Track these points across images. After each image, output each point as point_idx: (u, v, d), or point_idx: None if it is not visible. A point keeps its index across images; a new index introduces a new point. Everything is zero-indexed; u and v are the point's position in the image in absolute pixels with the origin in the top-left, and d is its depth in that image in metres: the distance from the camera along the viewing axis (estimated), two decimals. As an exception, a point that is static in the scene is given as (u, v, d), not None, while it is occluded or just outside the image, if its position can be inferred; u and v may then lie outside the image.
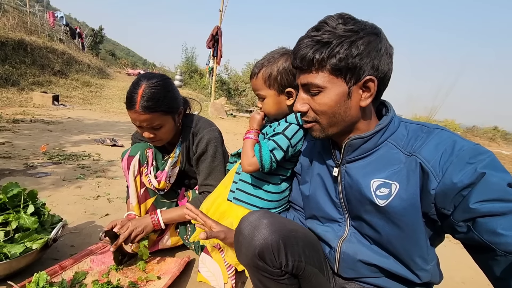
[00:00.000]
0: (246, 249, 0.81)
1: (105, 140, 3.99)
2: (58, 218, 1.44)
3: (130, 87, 1.25)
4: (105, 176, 2.69)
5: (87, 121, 5.63)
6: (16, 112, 5.23)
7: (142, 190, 1.43)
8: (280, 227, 0.82)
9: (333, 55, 0.74)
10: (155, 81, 1.24)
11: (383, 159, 0.81)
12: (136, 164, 1.40)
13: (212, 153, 1.39)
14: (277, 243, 0.78)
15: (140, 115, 1.20)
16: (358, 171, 0.85)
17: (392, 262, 0.85)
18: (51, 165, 2.80)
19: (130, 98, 1.21)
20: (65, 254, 1.47)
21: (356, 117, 0.82)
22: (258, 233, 0.79)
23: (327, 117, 0.82)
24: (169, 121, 1.30)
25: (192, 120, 1.44)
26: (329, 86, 0.78)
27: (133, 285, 1.26)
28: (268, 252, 0.78)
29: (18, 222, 1.18)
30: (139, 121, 1.23)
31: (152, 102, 1.20)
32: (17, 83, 7.49)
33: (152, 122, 1.23)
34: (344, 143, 0.85)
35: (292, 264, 0.81)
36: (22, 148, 3.19)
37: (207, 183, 1.41)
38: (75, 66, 10.77)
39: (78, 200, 2.09)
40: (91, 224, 1.79)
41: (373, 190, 0.81)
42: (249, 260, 0.81)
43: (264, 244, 0.78)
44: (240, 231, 0.83)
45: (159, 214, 1.37)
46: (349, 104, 0.79)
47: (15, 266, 1.17)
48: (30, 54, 8.78)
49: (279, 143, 1.04)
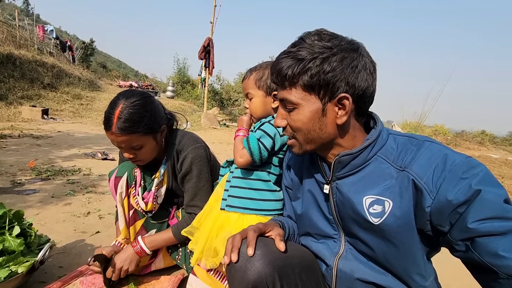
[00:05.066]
0: (239, 283, 0.76)
1: (96, 154, 3.92)
2: (46, 239, 1.39)
3: (108, 106, 1.18)
4: (96, 191, 2.63)
5: (77, 134, 5.54)
6: (4, 127, 5.12)
7: (131, 212, 1.37)
8: (275, 257, 0.78)
9: (304, 71, 0.74)
10: (134, 100, 1.17)
11: (374, 175, 0.80)
12: (124, 185, 1.34)
13: (197, 173, 1.31)
14: (272, 276, 0.74)
15: (117, 137, 1.14)
16: (350, 188, 0.83)
17: (390, 279, 0.83)
18: (40, 181, 2.72)
19: (107, 119, 1.14)
20: (53, 276, 1.40)
21: (333, 134, 0.81)
22: (251, 266, 0.75)
23: (302, 134, 0.81)
24: (149, 141, 1.22)
25: (176, 136, 1.35)
26: (302, 103, 0.77)
27: (125, 307, 1.21)
28: (263, 286, 0.74)
29: (2, 245, 1.13)
30: (117, 142, 1.17)
31: (129, 123, 1.13)
32: (5, 97, 7.35)
33: (131, 143, 1.17)
34: (334, 160, 0.83)
35: None
36: (9, 164, 3.10)
37: (193, 204, 1.33)
38: (65, 79, 10.65)
39: (68, 218, 2.02)
40: (81, 243, 1.73)
41: (366, 207, 0.79)
42: None
43: (258, 278, 0.74)
44: (232, 264, 0.79)
45: (141, 243, 1.30)
46: (324, 121, 0.78)
47: (-1, 292, 1.11)
48: (19, 68, 8.66)
49: (265, 130, 1.09)
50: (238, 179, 1.15)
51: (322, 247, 0.94)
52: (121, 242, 1.38)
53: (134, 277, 1.41)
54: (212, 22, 10.05)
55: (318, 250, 0.94)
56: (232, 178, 1.16)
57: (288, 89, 0.79)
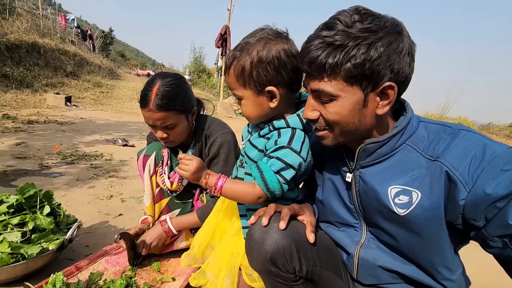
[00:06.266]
0: (257, 255, 0.78)
1: (116, 140, 4.03)
2: (73, 219, 1.44)
3: (145, 85, 1.25)
4: (118, 176, 2.71)
5: (98, 121, 5.71)
6: (31, 113, 5.34)
7: (157, 190, 1.42)
8: (292, 231, 0.78)
9: (348, 60, 0.66)
10: (170, 79, 1.24)
11: (401, 164, 0.76)
12: (152, 163, 1.39)
13: (224, 157, 1.35)
14: (289, 247, 0.75)
15: (153, 114, 1.20)
16: (374, 177, 0.80)
17: (414, 270, 0.81)
18: (65, 165, 2.83)
19: (144, 96, 1.21)
20: (80, 254, 1.47)
21: (371, 125, 0.76)
22: (269, 237, 0.76)
23: (339, 127, 0.76)
24: (183, 121, 1.28)
25: (205, 121, 1.41)
26: (342, 95, 0.71)
27: (148, 286, 1.25)
28: (280, 257, 0.74)
29: (34, 222, 1.18)
30: (152, 120, 1.22)
31: (166, 100, 1.19)
32: (31, 85, 7.66)
33: (166, 121, 1.22)
34: (358, 148, 0.79)
35: (306, 269, 0.77)
36: (37, 148, 3.25)
37: None
38: (86, 67, 10.95)
39: (92, 200, 2.10)
40: (105, 224, 1.79)
41: (391, 197, 0.76)
42: (261, 266, 0.78)
43: (275, 249, 0.74)
44: (251, 236, 0.80)
45: (169, 223, 1.36)
46: (364, 112, 0.73)
47: (32, 267, 1.17)
48: (43, 56, 8.96)
49: (286, 161, 0.82)
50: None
51: (343, 235, 0.92)
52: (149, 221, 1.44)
53: (156, 257, 1.45)
54: (229, 9, 9.92)
55: (339, 238, 0.93)
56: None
57: (326, 80, 0.70)
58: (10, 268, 1.09)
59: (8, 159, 2.76)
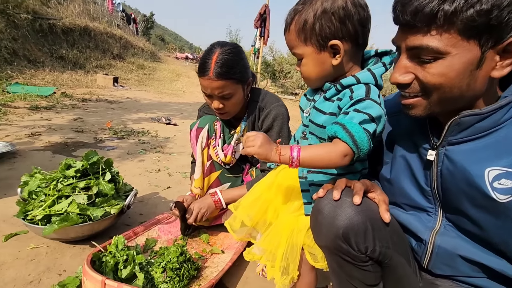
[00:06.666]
0: (327, 230, 0.72)
1: (160, 119, 4.19)
2: (130, 187, 1.51)
3: (204, 53, 1.24)
4: (163, 152, 2.82)
5: (143, 101, 5.99)
6: (84, 92, 5.76)
7: (208, 163, 1.42)
8: (366, 207, 0.71)
9: (470, 5, 0.54)
10: (229, 48, 1.23)
11: (506, 142, 0.64)
12: (205, 135, 1.39)
13: (278, 130, 1.32)
14: (364, 224, 0.68)
15: (212, 82, 1.19)
16: (466, 156, 0.68)
17: (505, 264, 0.70)
18: (116, 140, 3.01)
19: (204, 64, 1.20)
20: (135, 221, 1.55)
21: (479, 92, 0.64)
22: (342, 212, 0.69)
23: (441, 92, 0.64)
24: (239, 91, 1.27)
25: (259, 94, 1.38)
26: (453, 52, 0.59)
27: (199, 256, 1.27)
28: (354, 233, 0.68)
29: (98, 187, 1.25)
30: (210, 89, 1.21)
31: (225, 69, 1.18)
32: (83, 66, 8.24)
33: (224, 90, 1.21)
34: (450, 121, 0.68)
35: (380, 250, 0.70)
36: (91, 123, 3.49)
37: None
38: (130, 50, 11.48)
39: (142, 173, 2.21)
40: (156, 195, 1.87)
41: (489, 181, 0.64)
42: (330, 242, 0.72)
43: (349, 225, 0.68)
44: (319, 210, 0.74)
45: (219, 194, 1.37)
46: (476, 74, 0.60)
47: (96, 228, 1.26)
48: (93, 39, 9.53)
49: (368, 112, 0.73)
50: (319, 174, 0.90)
51: (412, 219, 0.83)
52: (195, 192, 1.45)
53: (204, 230, 1.48)
54: (269, -12, 9.57)
55: (408, 222, 0.83)
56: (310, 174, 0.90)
57: (434, 33, 0.59)
58: (78, 228, 1.18)
59: (68, 132, 3.01)
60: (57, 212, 1.15)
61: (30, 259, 1.17)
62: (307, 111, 0.91)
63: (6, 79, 5.32)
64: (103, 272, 1.01)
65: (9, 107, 3.65)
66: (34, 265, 1.14)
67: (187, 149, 2.97)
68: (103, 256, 1.08)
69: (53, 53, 7.68)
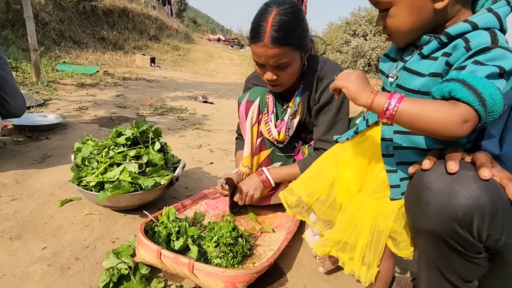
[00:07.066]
0: (439, 210, 0.57)
1: (197, 97, 4.17)
2: (177, 159, 1.47)
3: (257, 14, 1.05)
4: (202, 128, 2.78)
5: (179, 80, 6.03)
6: (124, 71, 5.93)
7: (258, 141, 1.29)
8: (494, 185, 0.56)
9: None
10: (286, 7, 1.02)
11: None
12: (256, 110, 1.25)
13: (338, 105, 1.14)
14: (493, 206, 0.53)
15: (268, 50, 1.01)
16: None
17: None
18: (157, 116, 3.03)
19: (257, 28, 1.02)
20: (181, 194, 1.51)
21: None
22: (464, 188, 0.54)
23: None
24: (296, 60, 1.08)
25: (317, 62, 1.18)
26: None
27: (249, 234, 1.20)
28: (479, 216, 0.53)
29: (148, 156, 1.20)
30: (265, 57, 1.03)
31: (283, 33, 0.99)
32: (122, 47, 8.49)
33: (280, 59, 1.03)
34: None
35: (505, 240, 0.55)
36: (133, 100, 3.56)
37: (325, 139, 1.18)
38: (166, 31, 11.59)
39: (184, 148, 2.18)
40: (199, 170, 1.83)
41: None
42: (440, 226, 0.57)
43: (474, 205, 0.53)
44: (425, 185, 0.60)
45: (266, 173, 1.25)
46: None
47: (146, 198, 1.22)
48: (131, 21, 9.73)
49: (500, 65, 0.55)
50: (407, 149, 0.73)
51: None
52: (242, 171, 1.35)
53: (252, 208, 1.40)
54: (308, -40, 8.96)
55: None
56: (396, 135, 0.74)
57: None
58: (129, 196, 1.15)
59: (112, 107, 3.08)
60: (109, 179, 1.13)
61: (85, 225, 1.17)
62: (394, 74, 0.75)
63: (55, 59, 5.62)
64: (156, 243, 0.97)
65: (58, 84, 3.84)
66: (88, 231, 1.14)
67: (225, 126, 2.90)
68: (155, 226, 1.05)
69: (95, 35, 7.98)
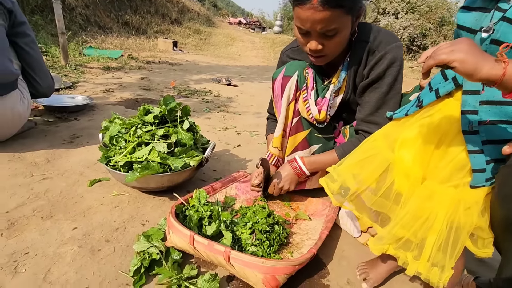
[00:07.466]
0: None
1: (220, 80, 4.07)
2: (206, 139, 1.39)
3: None
4: (227, 111, 2.69)
5: (202, 64, 5.95)
6: (147, 55, 5.92)
7: (294, 120, 1.16)
8: None
9: None
10: None
11: None
12: (293, 86, 1.12)
13: (391, 81, 0.99)
14: None
15: (315, 13, 0.85)
16: None
17: None
18: (181, 98, 2.98)
19: None
20: (210, 177, 1.45)
21: None
22: None
23: None
24: (347, 26, 0.92)
25: (370, 31, 1.01)
26: None
27: (283, 220, 1.11)
28: None
29: (177, 136, 1.13)
30: (311, 22, 0.88)
31: None
32: (145, 32, 8.49)
33: (329, 25, 0.88)
34: None
35: None
36: (157, 83, 3.53)
37: (371, 120, 1.04)
38: (187, 14, 11.45)
39: (210, 130, 2.11)
40: (227, 153, 1.75)
41: None
42: None
43: None
44: None
45: (300, 163, 1.13)
46: None
47: (176, 180, 1.16)
48: (154, 4, 9.67)
49: None
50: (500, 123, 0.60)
51: None
52: (272, 152, 1.24)
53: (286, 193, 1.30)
54: None
55: None
56: (482, 106, 0.61)
57: None
58: (158, 177, 1.09)
59: (137, 89, 3.06)
60: (138, 159, 1.07)
61: (114, 206, 1.13)
62: (489, 28, 0.59)
63: (82, 44, 5.72)
64: (188, 227, 0.90)
65: (85, 67, 3.88)
66: (118, 212, 1.10)
67: (250, 109, 2.80)
68: (185, 209, 0.98)
69: (119, 19, 8.01)
